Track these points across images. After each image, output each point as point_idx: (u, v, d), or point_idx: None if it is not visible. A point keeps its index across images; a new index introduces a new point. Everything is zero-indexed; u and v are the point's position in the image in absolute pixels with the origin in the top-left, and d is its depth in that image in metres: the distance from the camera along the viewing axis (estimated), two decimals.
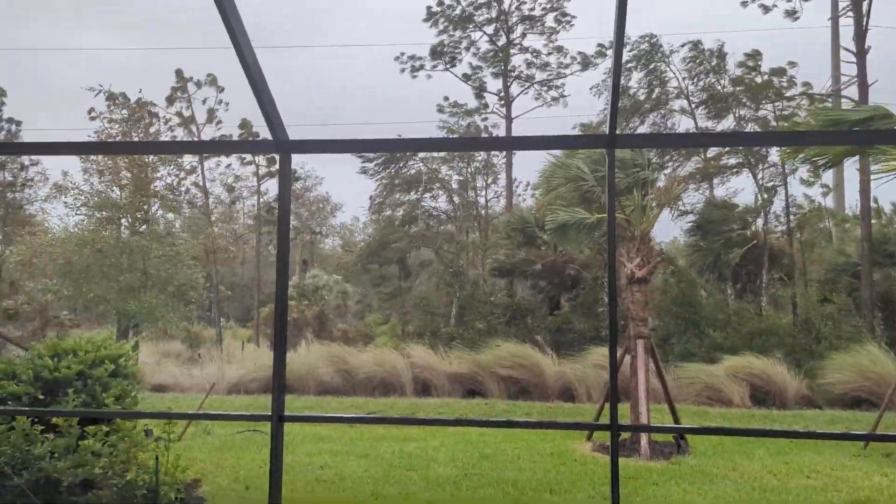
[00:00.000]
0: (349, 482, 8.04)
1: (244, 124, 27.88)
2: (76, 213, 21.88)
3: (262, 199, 31.76)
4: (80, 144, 7.06)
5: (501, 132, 29.11)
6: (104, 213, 21.55)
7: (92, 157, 21.62)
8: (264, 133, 5.66)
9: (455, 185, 29.54)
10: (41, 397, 6.70)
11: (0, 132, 27.53)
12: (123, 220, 22.09)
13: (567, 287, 22.12)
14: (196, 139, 27.47)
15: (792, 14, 24.25)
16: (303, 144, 5.60)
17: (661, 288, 20.42)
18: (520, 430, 11.36)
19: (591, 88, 28.31)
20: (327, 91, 35.46)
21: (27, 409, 6.51)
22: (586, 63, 28.48)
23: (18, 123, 28.39)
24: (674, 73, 25.72)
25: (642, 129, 26.41)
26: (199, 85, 28.40)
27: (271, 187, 30.84)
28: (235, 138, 27.34)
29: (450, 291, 25.72)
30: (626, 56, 25.07)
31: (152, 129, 25.78)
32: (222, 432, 11.20)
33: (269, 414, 5.50)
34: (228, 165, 31.02)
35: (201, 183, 29.03)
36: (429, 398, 15.83)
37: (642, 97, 26.42)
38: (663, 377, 10.46)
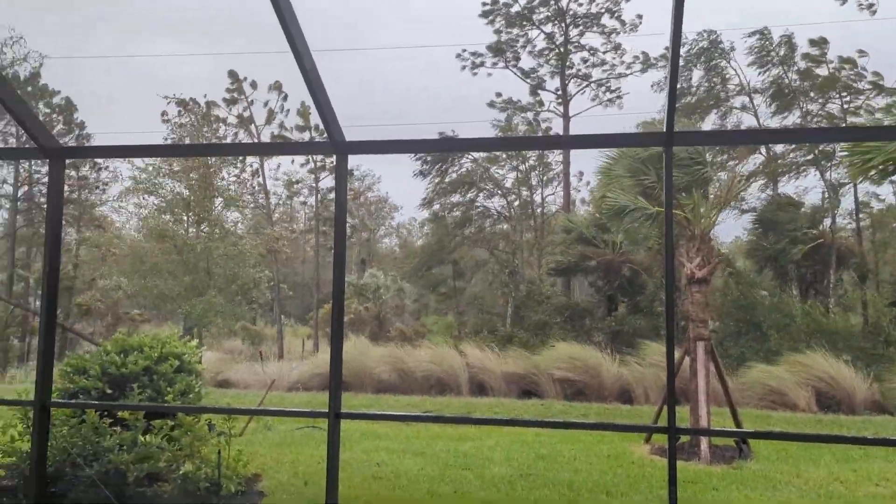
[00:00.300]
0: (405, 480, 8.11)
1: (303, 118, 28.28)
2: (144, 214, 22.72)
3: (320, 199, 32.31)
4: (148, 147, 7.34)
5: (560, 131, 28.87)
6: (171, 213, 22.29)
7: (160, 159, 22.39)
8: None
9: (510, 185, 29.44)
10: (109, 392, 6.98)
11: (71, 136, 28.72)
12: (189, 220, 22.79)
13: (625, 287, 21.78)
14: (256, 141, 28.13)
15: (869, 7, 23.14)
16: (358, 145, 5.69)
17: (722, 289, 19.90)
18: (576, 431, 11.26)
19: (652, 86, 27.84)
20: (386, 92, 35.74)
21: (96, 402, 6.78)
22: (646, 61, 27.99)
23: (84, 127, 29.56)
24: (735, 70, 25.01)
25: (704, 127, 25.79)
26: (254, 86, 28.91)
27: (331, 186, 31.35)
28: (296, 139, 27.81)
29: (505, 291, 25.64)
30: (686, 53, 24.51)
31: (219, 133, 26.47)
32: (282, 428, 11.43)
33: (327, 411, 5.62)
34: (292, 162, 31.70)
35: (262, 183, 29.74)
36: (484, 398, 15.83)
37: (702, 94, 25.78)
38: (724, 379, 10.21)
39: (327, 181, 31.48)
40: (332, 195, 30.75)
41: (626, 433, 11.16)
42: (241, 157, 24.68)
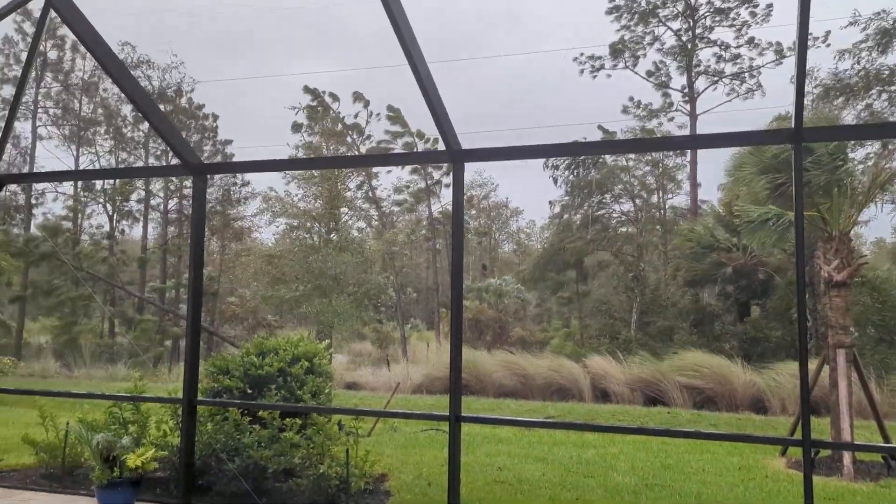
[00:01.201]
0: (526, 485, 8.13)
1: (420, 134, 28.86)
2: (278, 225, 24.11)
3: (440, 206, 32.87)
4: (277, 162, 7.82)
5: (686, 130, 27.86)
6: (302, 223, 23.53)
7: (291, 172, 23.70)
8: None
9: (634, 188, 28.69)
10: (249, 391, 7.47)
11: (217, 155, 30.82)
12: (318, 230, 23.93)
13: (758, 292, 20.66)
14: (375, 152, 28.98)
15: None
16: (474, 153, 5.83)
17: (867, 293, 18.46)
18: (705, 441, 10.83)
19: (791, 78, 26.23)
20: (505, 97, 35.91)
21: (238, 401, 7.28)
22: (781, 53, 26.49)
23: (229, 142, 31.63)
24: None
25: (848, 119, 23.94)
26: (359, 97, 29.56)
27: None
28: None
29: (630, 296, 25.02)
30: (862, 35, 22.69)
31: (344, 145, 27.53)
32: (408, 430, 11.75)
33: (447, 414, 5.77)
34: (415, 170, 32.43)
35: (387, 191, 30.62)
36: (608, 404, 15.54)
37: (856, 82, 23.84)
38: (869, 390, 9.50)
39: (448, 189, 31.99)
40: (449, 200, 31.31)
41: (760, 445, 10.62)
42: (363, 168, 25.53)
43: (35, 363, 22.75)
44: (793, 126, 4.94)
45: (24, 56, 29.28)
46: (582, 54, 28.62)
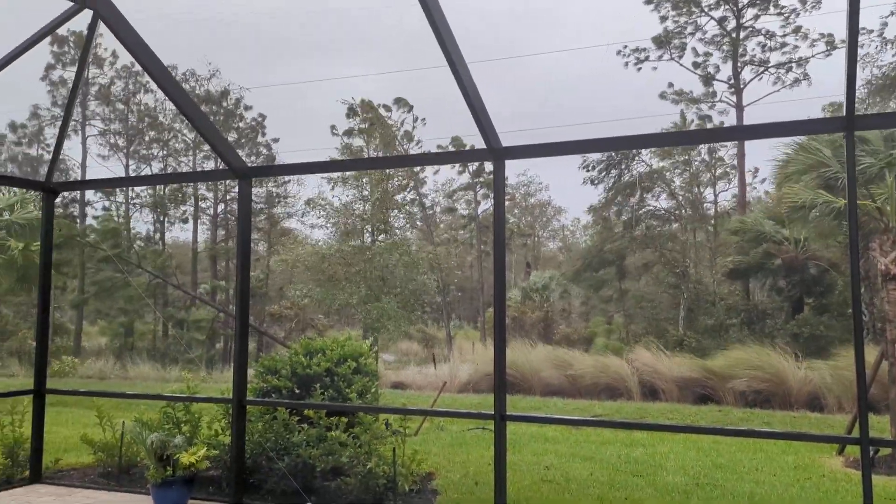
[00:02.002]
0: (574, 484, 8.06)
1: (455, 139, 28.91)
2: (325, 226, 24.44)
3: (482, 205, 32.85)
4: (321, 164, 7.92)
5: (731, 122, 27.23)
6: (349, 224, 23.79)
7: (337, 174, 23.99)
8: (479, 142, 5.94)
9: (679, 182, 28.21)
10: (297, 391, 7.57)
11: (260, 157, 31.37)
12: (365, 231, 24.17)
13: (811, 287, 20.09)
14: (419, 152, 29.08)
15: None
16: (515, 150, 5.80)
17: None
18: (758, 440, 10.58)
19: (842, 67, 25.42)
20: (547, 94, 35.65)
21: (286, 401, 7.39)
22: (831, 42, 25.68)
23: (276, 141, 32.17)
24: None
25: None
26: (400, 102, 29.60)
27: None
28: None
29: (675, 293, 24.59)
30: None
31: (391, 147, 27.68)
32: (454, 429, 11.76)
33: (493, 413, 5.76)
34: (462, 170, 32.49)
35: (433, 193, 30.77)
36: (656, 402, 15.31)
37: None
38: None
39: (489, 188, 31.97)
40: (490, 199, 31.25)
41: (816, 443, 10.33)
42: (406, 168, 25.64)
43: (93, 364, 23.48)
44: (844, 114, 4.80)
45: (74, 68, 30.29)
46: (626, 46, 28.12)
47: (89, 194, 31.32)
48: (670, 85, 27.95)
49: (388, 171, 24.18)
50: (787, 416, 13.48)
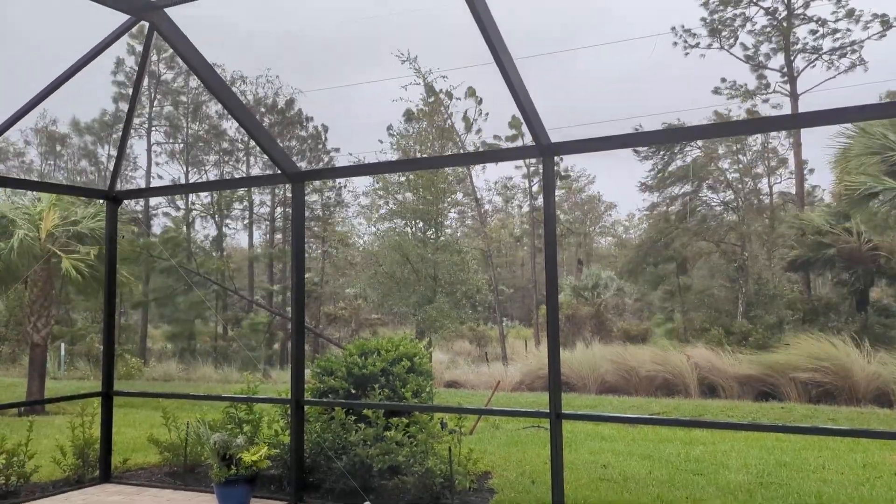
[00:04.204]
0: (632, 483, 7.96)
1: (515, 124, 28.51)
2: (378, 227, 24.69)
3: (533, 202, 32.63)
4: (371, 166, 8.01)
5: (786, 111, 26.39)
6: (402, 225, 23.98)
7: (388, 174, 24.19)
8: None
9: (735, 174, 27.50)
10: (353, 391, 7.67)
11: (319, 163, 31.80)
12: (418, 231, 24.29)
13: (876, 278, 19.34)
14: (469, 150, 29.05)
15: None
16: (564, 146, 5.75)
17: None
18: (824, 437, 10.26)
19: None
20: (595, 89, 35.23)
21: (342, 401, 7.50)
22: (886, 22, 24.69)
23: (337, 150, 32.66)
24: None
25: None
26: (450, 96, 29.34)
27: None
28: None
29: (734, 287, 24.00)
30: None
31: (446, 146, 27.63)
32: (509, 427, 11.74)
33: (548, 412, 5.74)
34: (517, 172, 32.34)
35: (485, 190, 30.73)
36: (716, 399, 14.98)
37: None
38: None
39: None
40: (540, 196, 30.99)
41: (885, 440, 9.96)
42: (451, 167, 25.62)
43: (158, 366, 24.23)
44: None
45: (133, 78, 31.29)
46: (679, 33, 27.50)
47: (152, 200, 32.32)
48: (723, 80, 27.33)
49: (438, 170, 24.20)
50: (854, 411, 13.02)
